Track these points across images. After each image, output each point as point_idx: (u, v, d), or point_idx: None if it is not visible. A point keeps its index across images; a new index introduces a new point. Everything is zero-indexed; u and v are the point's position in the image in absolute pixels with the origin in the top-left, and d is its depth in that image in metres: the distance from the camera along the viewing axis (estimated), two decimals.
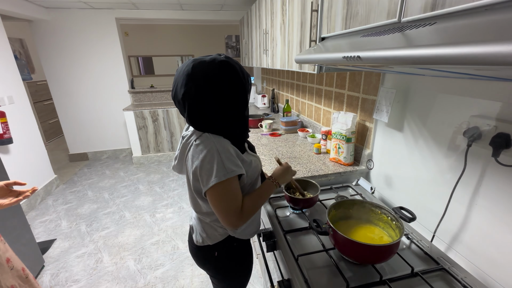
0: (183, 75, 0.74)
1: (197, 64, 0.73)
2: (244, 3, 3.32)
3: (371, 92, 1.31)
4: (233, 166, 0.74)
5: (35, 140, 2.88)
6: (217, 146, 0.74)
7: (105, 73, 3.76)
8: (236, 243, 0.94)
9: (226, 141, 0.77)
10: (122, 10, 3.56)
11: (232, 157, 0.75)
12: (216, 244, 0.92)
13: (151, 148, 3.83)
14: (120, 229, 2.37)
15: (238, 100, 0.78)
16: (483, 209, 0.79)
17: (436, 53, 0.42)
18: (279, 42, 1.76)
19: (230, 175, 0.73)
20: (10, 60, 2.63)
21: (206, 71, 0.73)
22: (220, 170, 0.72)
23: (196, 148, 0.76)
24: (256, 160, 0.89)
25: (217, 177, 0.72)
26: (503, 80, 0.67)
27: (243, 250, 0.98)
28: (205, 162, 0.73)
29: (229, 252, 0.94)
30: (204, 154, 0.73)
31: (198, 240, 0.94)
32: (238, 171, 0.75)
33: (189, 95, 0.73)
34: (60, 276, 1.87)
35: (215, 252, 0.93)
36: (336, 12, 0.97)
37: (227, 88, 0.75)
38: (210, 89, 0.73)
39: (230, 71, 0.75)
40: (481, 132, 0.75)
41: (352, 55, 0.63)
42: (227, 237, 0.92)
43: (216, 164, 0.72)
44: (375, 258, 0.78)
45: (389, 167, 1.21)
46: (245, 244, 0.99)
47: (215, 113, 0.76)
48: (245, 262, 1.01)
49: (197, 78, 0.72)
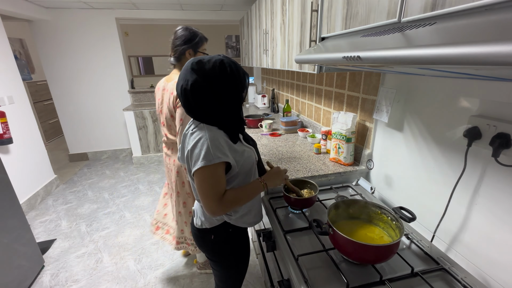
0: (184, 71, 0.84)
1: (197, 62, 0.83)
2: (244, 3, 3.32)
3: (371, 92, 1.31)
4: (219, 153, 0.81)
5: (35, 140, 2.88)
6: (208, 134, 0.82)
7: (105, 73, 3.76)
8: (232, 229, 1.00)
9: (219, 132, 0.85)
10: (122, 10, 3.56)
11: (220, 146, 0.82)
12: (213, 228, 0.99)
13: (151, 148, 3.83)
14: (120, 229, 2.37)
15: (233, 96, 0.86)
16: (483, 209, 0.79)
17: (436, 53, 0.42)
18: (279, 42, 1.76)
19: (216, 161, 0.80)
20: (10, 60, 2.63)
21: (203, 68, 0.81)
22: (207, 155, 0.80)
23: (191, 136, 0.86)
24: (250, 151, 0.94)
25: (203, 161, 0.80)
26: (503, 80, 0.67)
27: (239, 237, 1.04)
28: (195, 147, 0.82)
29: (225, 237, 1.01)
30: (195, 140, 0.83)
31: (197, 223, 1.02)
32: (224, 159, 0.82)
33: (186, 87, 0.82)
34: (60, 276, 1.87)
35: (212, 235, 1.00)
36: (336, 12, 0.97)
37: (223, 85, 0.82)
38: (207, 85, 0.81)
39: (225, 69, 0.82)
40: (481, 132, 0.75)
41: (352, 55, 0.63)
42: (223, 222, 0.99)
43: (204, 149, 0.80)
44: (375, 258, 0.78)
45: (389, 167, 1.21)
46: (241, 231, 1.04)
47: (211, 106, 0.83)
48: (240, 248, 1.07)
49: (196, 74, 0.81)
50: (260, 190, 0.94)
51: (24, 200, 2.62)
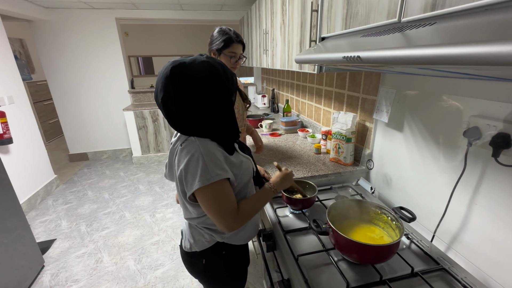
0: (162, 78, 0.71)
1: (177, 66, 0.70)
2: (244, 3, 3.32)
3: (371, 92, 1.31)
4: (218, 169, 0.72)
5: (35, 140, 2.88)
6: (202, 149, 0.72)
7: (105, 73, 3.76)
8: (225, 250, 0.90)
9: (212, 144, 0.75)
10: (122, 10, 3.56)
11: (217, 161, 0.73)
12: (203, 251, 0.89)
13: (151, 148, 3.83)
14: (120, 229, 2.37)
15: (221, 101, 0.75)
16: (483, 209, 0.79)
17: (436, 53, 0.42)
18: (279, 42, 1.76)
19: (215, 179, 0.71)
20: (10, 60, 2.63)
21: (186, 73, 0.69)
22: (204, 174, 0.70)
23: (181, 152, 0.75)
24: (247, 162, 0.86)
25: (201, 181, 0.70)
26: (503, 80, 0.67)
27: (234, 258, 0.94)
28: (189, 166, 0.72)
29: (217, 261, 0.92)
30: (188, 158, 0.72)
31: (186, 246, 0.92)
32: (224, 175, 0.73)
33: (169, 98, 0.71)
34: (60, 276, 1.87)
35: (203, 259, 0.90)
36: (336, 12, 0.97)
37: (209, 90, 0.71)
38: (191, 92, 0.70)
39: (211, 72, 0.72)
40: (481, 132, 0.75)
41: (352, 55, 0.63)
42: (214, 244, 0.89)
43: (200, 168, 0.70)
44: (375, 258, 0.78)
45: (389, 167, 1.21)
46: (236, 251, 0.94)
47: (197, 116, 0.73)
48: (236, 271, 0.98)
49: (177, 80, 0.69)
50: (271, 195, 0.89)
51: (24, 200, 2.62)
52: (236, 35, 1.26)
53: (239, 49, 1.28)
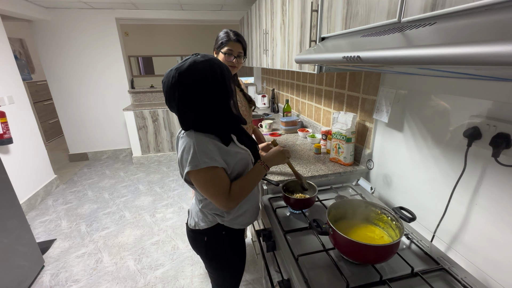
0: (171, 84, 0.81)
1: (183, 70, 0.79)
2: (244, 3, 3.32)
3: (371, 92, 1.31)
4: (206, 158, 0.82)
5: (35, 140, 2.88)
6: (195, 140, 0.83)
7: (105, 73, 3.76)
8: (225, 231, 1.00)
9: (206, 137, 0.84)
10: (122, 10, 3.56)
11: (207, 150, 0.82)
12: (206, 230, 0.99)
13: (151, 148, 3.83)
14: (120, 229, 2.37)
15: (217, 96, 0.84)
16: (483, 209, 0.79)
17: (436, 53, 0.42)
18: (279, 42, 1.76)
19: (202, 165, 0.81)
20: (10, 60, 2.63)
21: (192, 74, 0.79)
22: (193, 160, 0.81)
23: (181, 140, 0.88)
24: (244, 153, 0.93)
25: (190, 166, 0.82)
26: (503, 80, 0.67)
27: (232, 239, 1.03)
28: (183, 153, 0.84)
29: (218, 239, 1.01)
30: (184, 146, 0.84)
31: (191, 223, 1.03)
32: (211, 163, 0.82)
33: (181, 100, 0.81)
34: (60, 276, 1.87)
35: (205, 237, 1.00)
36: (336, 12, 0.97)
37: (211, 86, 0.81)
38: (199, 90, 0.80)
39: (211, 69, 0.81)
40: (481, 132, 0.75)
41: (352, 55, 0.63)
42: (216, 224, 0.98)
43: (191, 155, 0.81)
44: (375, 258, 0.78)
45: (389, 167, 1.21)
46: (235, 234, 1.03)
47: (197, 114, 0.83)
48: (234, 251, 1.06)
49: (189, 81, 0.79)
50: (262, 172, 0.95)
51: (24, 200, 2.62)
52: (234, 34, 1.32)
53: (236, 47, 1.32)
